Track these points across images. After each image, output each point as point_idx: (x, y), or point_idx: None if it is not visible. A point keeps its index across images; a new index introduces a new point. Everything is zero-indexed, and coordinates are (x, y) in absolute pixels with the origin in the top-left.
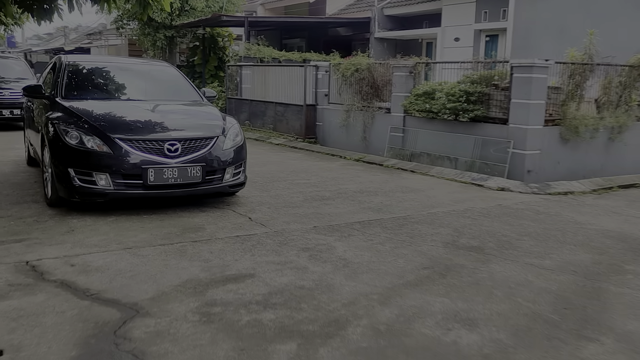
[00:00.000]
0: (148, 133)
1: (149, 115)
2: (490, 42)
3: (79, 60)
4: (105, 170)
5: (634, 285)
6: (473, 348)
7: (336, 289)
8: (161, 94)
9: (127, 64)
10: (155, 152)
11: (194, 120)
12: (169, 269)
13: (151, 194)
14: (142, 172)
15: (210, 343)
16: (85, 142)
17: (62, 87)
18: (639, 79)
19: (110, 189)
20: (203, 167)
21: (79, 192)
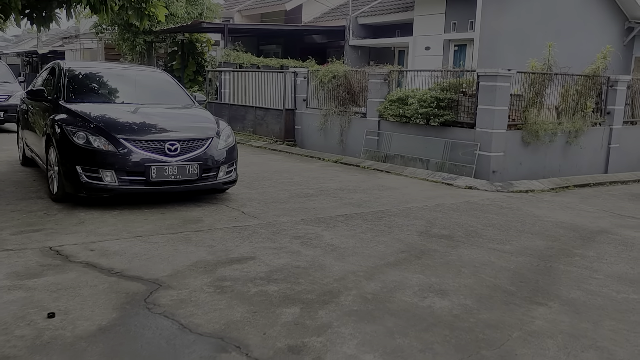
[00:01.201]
0: (149, 133)
1: (148, 118)
2: (459, 51)
3: (78, 66)
4: (110, 168)
5: (580, 265)
6: (445, 310)
7: (327, 268)
8: (156, 97)
9: (122, 70)
10: (156, 151)
11: (190, 123)
12: (178, 252)
13: (153, 189)
14: (144, 169)
15: (227, 307)
16: (92, 142)
17: (64, 91)
18: (594, 88)
19: (115, 184)
20: (200, 165)
21: (86, 188)
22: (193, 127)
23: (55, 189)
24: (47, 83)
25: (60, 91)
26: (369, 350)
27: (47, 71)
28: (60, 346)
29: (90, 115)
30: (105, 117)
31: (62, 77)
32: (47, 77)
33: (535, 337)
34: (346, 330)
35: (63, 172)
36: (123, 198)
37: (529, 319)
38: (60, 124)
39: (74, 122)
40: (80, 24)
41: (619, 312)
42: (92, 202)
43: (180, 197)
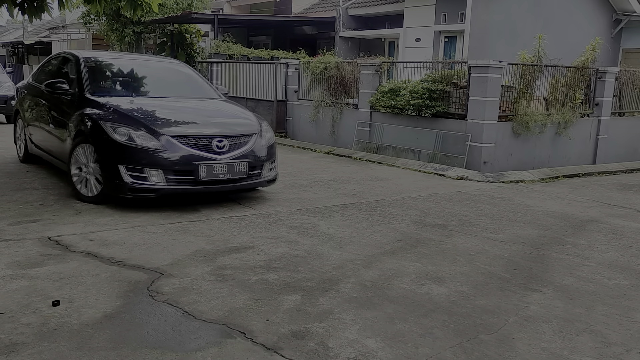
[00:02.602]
0: (194, 129)
1: (185, 112)
2: (449, 43)
3: (94, 56)
4: (157, 167)
5: (572, 252)
6: (442, 296)
7: (325, 257)
8: (183, 90)
9: (141, 61)
10: (204, 149)
11: (229, 118)
12: (177, 242)
13: (201, 189)
14: (193, 168)
15: (230, 295)
16: (135, 139)
17: (87, 83)
18: (583, 79)
19: (163, 185)
20: (248, 162)
21: (131, 189)
22: (235, 123)
23: (94, 190)
24: (58, 74)
25: (83, 83)
26: (371, 335)
27: (57, 61)
28: (67, 333)
29: (126, 110)
30: (143, 111)
31: (81, 67)
32: (57, 67)
33: (531, 321)
34: (347, 317)
35: (102, 173)
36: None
37: (524, 304)
38: (95, 119)
39: (110, 117)
40: (65, 14)
41: (611, 297)
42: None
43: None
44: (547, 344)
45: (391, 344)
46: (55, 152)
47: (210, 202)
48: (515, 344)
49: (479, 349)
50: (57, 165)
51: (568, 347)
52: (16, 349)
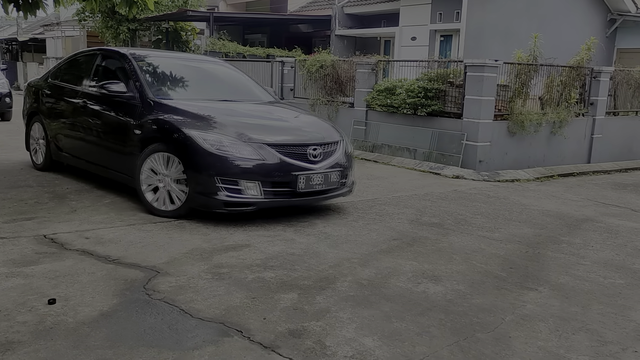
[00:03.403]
0: (286, 136)
1: (264, 117)
2: (445, 42)
3: (140, 53)
4: (254, 178)
5: (567, 251)
6: (439, 295)
7: (322, 255)
8: (243, 92)
9: (190, 61)
10: (300, 158)
11: (312, 123)
12: (173, 240)
13: (298, 201)
14: (292, 179)
15: (226, 293)
16: (229, 148)
17: (147, 86)
18: (578, 79)
19: (260, 198)
20: (341, 171)
21: (226, 203)
22: (320, 129)
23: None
24: (94, 74)
25: (143, 85)
26: (368, 333)
27: (90, 59)
28: (63, 331)
29: (206, 115)
30: (222, 117)
31: (134, 67)
32: (92, 66)
33: (528, 320)
34: (344, 315)
35: (190, 186)
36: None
37: (521, 303)
38: (178, 126)
39: (193, 124)
40: (59, 11)
41: (606, 296)
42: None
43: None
44: (543, 343)
45: (388, 343)
46: (108, 163)
47: None
48: (511, 343)
49: (475, 348)
50: (109, 177)
51: (564, 345)
52: (12, 347)
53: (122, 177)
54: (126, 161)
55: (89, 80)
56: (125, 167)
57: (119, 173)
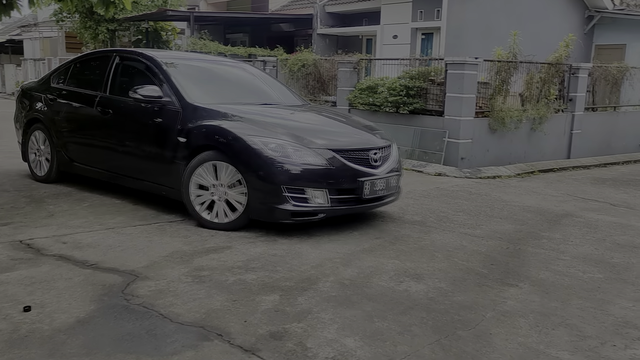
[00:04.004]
0: (348, 142)
1: (319, 122)
2: (426, 39)
3: (166, 56)
4: (321, 186)
5: (547, 247)
6: (420, 293)
7: (304, 255)
8: (277, 96)
9: (211, 62)
10: (363, 163)
11: (365, 128)
12: (153, 243)
13: (362, 208)
14: (358, 185)
15: (207, 296)
16: (292, 154)
17: (184, 90)
18: (557, 75)
19: (327, 206)
20: (398, 175)
21: (293, 213)
22: (372, 133)
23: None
24: (114, 77)
25: (179, 90)
26: (350, 334)
27: (106, 62)
28: (38, 339)
29: (259, 121)
30: (277, 122)
31: (165, 70)
32: (111, 69)
33: (508, 316)
34: (326, 316)
35: (252, 196)
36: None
37: (501, 299)
38: (234, 132)
39: (250, 130)
40: (37, 12)
41: (585, 290)
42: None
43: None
44: (523, 339)
45: (370, 343)
46: (141, 174)
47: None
48: (492, 340)
49: (456, 345)
50: (140, 188)
51: (544, 341)
52: None
53: (159, 188)
54: (165, 171)
55: (107, 84)
56: (164, 177)
57: (156, 184)
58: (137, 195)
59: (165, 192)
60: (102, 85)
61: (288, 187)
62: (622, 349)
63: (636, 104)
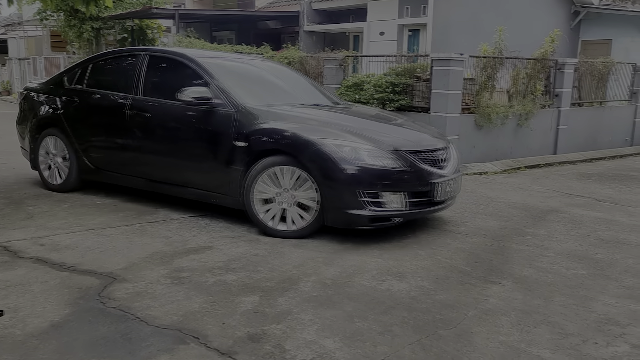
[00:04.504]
0: (416, 142)
1: (378, 123)
2: (413, 36)
3: (205, 56)
4: (398, 189)
5: (532, 243)
6: (403, 292)
7: (286, 255)
8: (322, 96)
9: (244, 61)
10: (433, 164)
11: (422, 127)
12: (133, 244)
13: (432, 211)
14: (431, 187)
15: (185, 298)
16: (366, 157)
17: (234, 92)
18: (543, 71)
19: (404, 210)
20: (461, 176)
21: (371, 219)
22: (431, 132)
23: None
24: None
25: (227, 92)
26: (329, 335)
27: (142, 61)
28: (10, 345)
29: (324, 122)
30: (341, 124)
31: (207, 70)
32: (142, 70)
33: (490, 315)
34: (306, 317)
35: (328, 201)
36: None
37: (484, 297)
38: (304, 135)
39: (319, 132)
40: (22, 10)
41: (568, 287)
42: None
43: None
44: (505, 337)
45: (349, 344)
46: (189, 181)
47: (170, 203)
48: (473, 339)
49: (437, 345)
50: (188, 196)
51: (526, 339)
52: None
53: (209, 195)
54: (218, 178)
55: (139, 85)
56: (216, 184)
57: (205, 191)
58: (118, 196)
59: (216, 199)
60: (133, 86)
61: (365, 192)
62: (604, 346)
63: (622, 99)
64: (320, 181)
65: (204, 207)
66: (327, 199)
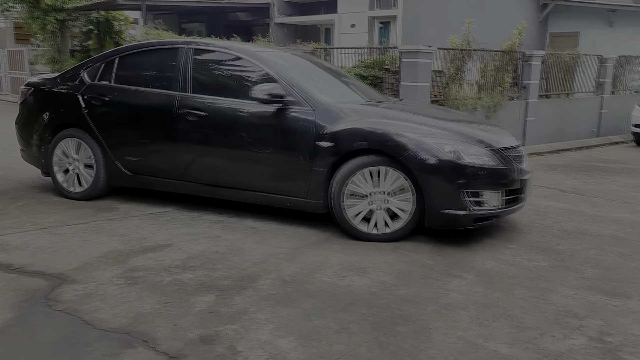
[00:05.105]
0: (498, 140)
1: (453, 119)
2: (384, 28)
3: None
4: (498, 187)
5: (495, 235)
6: (363, 288)
7: (247, 252)
8: (371, 91)
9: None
10: (519, 161)
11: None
12: (88, 243)
13: (519, 207)
14: (522, 184)
15: (137, 299)
16: (468, 156)
17: (307, 88)
18: (510, 63)
19: (501, 208)
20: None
21: (476, 218)
22: (501, 129)
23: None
24: (196, 74)
25: (301, 87)
26: (284, 334)
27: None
28: None
29: (411, 120)
30: (426, 121)
31: (276, 66)
32: (188, 65)
33: (450, 309)
34: (262, 316)
35: (431, 201)
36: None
37: (445, 292)
38: (403, 134)
39: (414, 131)
40: None
41: (529, 279)
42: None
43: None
44: (463, 332)
45: (305, 343)
46: (256, 184)
47: (131, 199)
48: (431, 334)
49: (394, 342)
50: (252, 201)
51: (484, 334)
52: None
53: (283, 200)
54: (295, 180)
55: (187, 82)
56: (293, 187)
57: (278, 196)
58: None
59: (291, 203)
60: (180, 83)
61: (468, 192)
62: (561, 339)
63: (589, 91)
64: (421, 181)
65: (167, 202)
66: (428, 200)
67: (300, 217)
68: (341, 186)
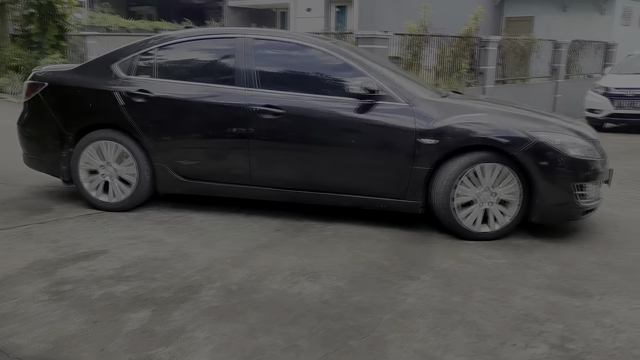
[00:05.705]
0: (584, 131)
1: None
2: (340, 13)
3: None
4: (598, 179)
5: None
6: (315, 296)
7: (191, 257)
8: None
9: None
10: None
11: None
12: (13, 252)
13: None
14: (610, 175)
15: (62, 319)
16: (576, 149)
17: (398, 81)
18: (467, 49)
19: (598, 199)
20: None
21: (585, 211)
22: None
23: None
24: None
25: (392, 81)
26: (225, 356)
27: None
28: None
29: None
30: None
31: (353, 57)
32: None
33: (406, 317)
34: (201, 334)
35: (544, 197)
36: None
37: (401, 297)
38: (522, 130)
39: (530, 126)
40: None
41: (488, 279)
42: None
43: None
44: (419, 344)
45: None
46: (342, 187)
47: (69, 199)
48: (386, 348)
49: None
50: (337, 204)
51: (442, 345)
52: None
53: (374, 201)
54: (391, 180)
55: (253, 76)
56: (388, 188)
57: (369, 197)
58: (12, 192)
59: (384, 205)
60: (244, 78)
61: (577, 185)
62: (522, 348)
63: (544, 76)
64: (534, 176)
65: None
66: (540, 194)
67: (255, 216)
68: (450, 186)
